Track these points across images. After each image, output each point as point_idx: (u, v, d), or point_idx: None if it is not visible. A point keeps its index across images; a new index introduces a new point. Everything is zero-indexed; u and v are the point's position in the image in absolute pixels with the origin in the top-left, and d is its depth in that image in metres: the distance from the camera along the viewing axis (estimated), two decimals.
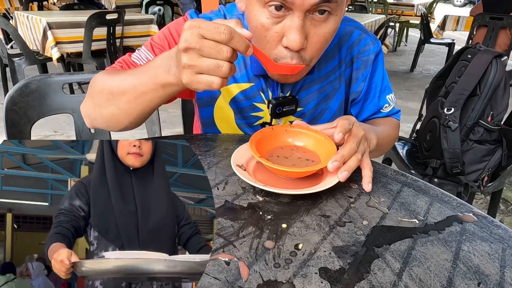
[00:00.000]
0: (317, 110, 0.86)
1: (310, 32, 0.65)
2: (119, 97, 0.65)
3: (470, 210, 0.59)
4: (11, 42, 3.54)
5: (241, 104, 0.84)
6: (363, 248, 0.49)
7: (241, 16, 0.82)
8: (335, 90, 0.86)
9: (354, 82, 0.87)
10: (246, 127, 0.87)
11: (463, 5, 15.67)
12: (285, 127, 0.70)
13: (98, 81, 0.71)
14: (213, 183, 0.62)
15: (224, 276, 0.43)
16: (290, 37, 0.63)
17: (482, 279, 0.45)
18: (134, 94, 0.63)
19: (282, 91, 0.82)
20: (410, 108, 3.61)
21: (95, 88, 0.71)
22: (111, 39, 3.14)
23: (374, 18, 3.73)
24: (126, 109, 0.66)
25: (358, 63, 0.86)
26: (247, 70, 0.82)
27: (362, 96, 0.88)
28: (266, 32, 0.65)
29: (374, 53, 0.86)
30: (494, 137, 1.38)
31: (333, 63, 0.84)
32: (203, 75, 0.52)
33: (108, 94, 0.67)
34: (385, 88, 0.90)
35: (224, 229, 0.51)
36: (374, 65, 0.87)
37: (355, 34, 0.85)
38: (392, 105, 0.91)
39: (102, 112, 0.70)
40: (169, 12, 4.81)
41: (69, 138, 2.71)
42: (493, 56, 1.33)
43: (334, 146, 0.64)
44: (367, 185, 0.62)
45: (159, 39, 0.82)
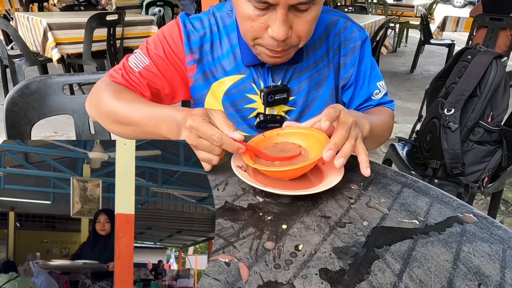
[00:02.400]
0: (309, 98, 0.88)
1: (293, 22, 0.69)
2: (123, 126, 0.75)
3: (471, 211, 0.59)
4: (12, 43, 3.54)
5: (234, 97, 0.87)
6: (364, 249, 0.49)
7: (230, 12, 0.86)
8: (325, 77, 0.88)
9: (343, 68, 0.89)
10: (239, 122, 0.89)
11: (463, 6, 15.69)
12: (276, 131, 0.69)
13: (105, 99, 0.77)
14: (213, 184, 0.63)
15: (224, 277, 0.43)
16: (275, 29, 0.67)
17: (483, 280, 0.45)
18: (138, 129, 0.72)
19: (273, 81, 0.85)
20: (410, 109, 3.61)
21: (101, 105, 0.78)
22: (111, 40, 3.14)
23: (374, 19, 3.73)
24: (129, 135, 0.76)
25: (345, 49, 0.88)
26: (237, 62, 0.85)
27: (353, 82, 0.89)
28: (252, 23, 0.69)
29: (361, 39, 0.88)
30: (494, 138, 1.38)
31: (321, 51, 0.86)
32: (199, 151, 0.62)
33: (114, 120, 0.76)
34: (375, 75, 0.91)
35: (224, 230, 0.51)
36: (362, 52, 0.89)
37: (340, 22, 0.88)
38: (383, 92, 0.91)
39: (106, 127, 0.80)
40: (169, 13, 4.82)
41: (69, 139, 2.71)
42: (493, 57, 1.33)
43: (327, 138, 0.62)
44: (365, 170, 0.61)
45: (154, 43, 0.85)
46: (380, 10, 6.12)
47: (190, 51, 0.84)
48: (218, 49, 0.86)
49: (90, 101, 0.82)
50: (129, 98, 0.76)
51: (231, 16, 0.86)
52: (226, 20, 0.86)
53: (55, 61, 2.94)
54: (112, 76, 0.84)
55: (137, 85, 0.83)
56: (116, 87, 0.80)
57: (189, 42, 0.84)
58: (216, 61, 0.86)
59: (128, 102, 0.75)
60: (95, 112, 0.81)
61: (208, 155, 0.61)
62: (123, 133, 0.77)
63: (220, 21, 0.86)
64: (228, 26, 0.85)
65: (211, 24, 0.85)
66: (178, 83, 0.87)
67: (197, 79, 0.86)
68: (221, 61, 0.86)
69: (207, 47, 0.85)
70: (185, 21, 0.85)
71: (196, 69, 0.86)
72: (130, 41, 3.42)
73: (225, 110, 0.87)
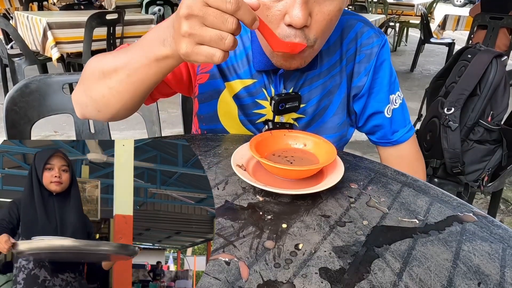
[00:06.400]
0: (320, 106, 0.84)
1: (314, 9, 0.63)
2: (110, 75, 0.62)
3: (470, 210, 0.59)
4: (11, 42, 3.54)
5: (243, 101, 0.84)
6: (363, 248, 0.49)
7: None
8: (337, 85, 0.84)
9: (356, 76, 0.84)
10: (248, 124, 0.86)
11: (463, 5, 15.67)
12: (284, 131, 0.70)
13: (90, 64, 0.68)
14: (213, 183, 0.62)
15: (224, 276, 0.43)
16: (293, 13, 0.60)
17: (482, 279, 0.45)
18: (126, 72, 0.60)
19: (285, 87, 0.82)
20: (410, 108, 3.59)
21: (86, 71, 0.68)
22: (111, 39, 3.14)
23: (374, 18, 3.73)
24: (117, 88, 0.62)
25: (360, 56, 0.82)
26: (250, 66, 0.81)
27: (365, 92, 0.85)
28: (267, 11, 0.63)
29: (378, 46, 0.82)
30: (494, 137, 1.38)
31: (334, 58, 0.82)
32: (204, 46, 0.49)
33: (99, 74, 0.64)
34: (391, 84, 0.85)
35: (224, 229, 0.51)
36: (378, 59, 0.83)
37: (357, 26, 0.82)
38: (396, 105, 0.87)
39: (92, 95, 0.67)
40: (169, 12, 4.81)
41: (69, 138, 2.71)
42: (493, 56, 1.33)
43: (333, 148, 0.64)
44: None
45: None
46: (380, 9, 6.12)
47: None
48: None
49: (75, 90, 0.74)
50: (114, 51, 0.68)
51: None
52: None
53: (54, 60, 2.93)
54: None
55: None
56: (103, 53, 0.71)
57: None
58: (229, 62, 0.82)
59: (113, 53, 0.67)
60: (79, 90, 0.70)
61: (220, 32, 0.48)
62: (110, 88, 0.64)
63: None
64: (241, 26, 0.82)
65: None
66: (180, 77, 0.83)
67: (213, 75, 0.82)
68: (233, 63, 0.82)
69: None
70: None
71: (211, 67, 0.82)
72: (130, 40, 3.41)
73: None
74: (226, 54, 0.50)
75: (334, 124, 0.86)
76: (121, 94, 0.63)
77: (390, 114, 0.87)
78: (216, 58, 0.49)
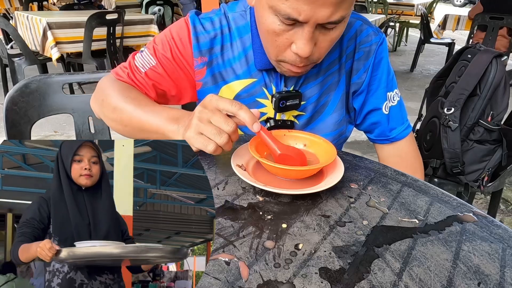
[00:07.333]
0: (319, 103, 0.85)
1: (319, 39, 0.67)
2: (126, 123, 0.75)
3: (470, 210, 0.59)
4: (11, 42, 3.54)
5: (244, 101, 0.84)
6: (363, 248, 0.49)
7: (244, 12, 0.82)
8: (336, 82, 0.85)
9: (355, 73, 0.85)
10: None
11: (463, 5, 15.67)
12: (284, 131, 0.70)
13: (110, 95, 0.78)
14: (213, 183, 0.62)
15: (224, 276, 0.43)
16: (300, 46, 0.65)
17: (482, 279, 0.45)
18: (139, 128, 0.72)
19: (286, 85, 0.83)
20: (410, 108, 3.61)
21: (106, 102, 0.78)
22: (111, 39, 3.14)
23: (374, 18, 3.73)
24: (129, 132, 0.76)
25: (359, 53, 0.84)
26: (249, 65, 0.82)
27: (364, 88, 0.86)
28: (276, 37, 0.67)
29: (376, 43, 0.84)
30: (494, 137, 1.38)
31: (334, 55, 0.83)
32: (203, 136, 0.59)
33: (118, 117, 0.76)
34: (389, 82, 0.87)
35: (224, 229, 0.51)
36: (377, 57, 0.85)
37: (356, 24, 0.84)
38: (394, 103, 0.88)
39: (109, 124, 0.81)
40: (169, 12, 4.81)
41: (69, 138, 2.71)
42: (493, 56, 1.33)
43: (333, 148, 0.64)
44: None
45: (162, 43, 0.82)
46: (380, 9, 6.11)
47: (199, 53, 0.81)
48: (229, 51, 0.83)
49: (96, 97, 0.82)
50: (135, 97, 0.76)
51: (244, 17, 0.82)
52: (239, 22, 0.82)
53: (54, 60, 2.94)
54: (118, 75, 0.83)
55: (142, 85, 0.82)
56: (122, 85, 0.80)
57: (199, 44, 0.81)
58: (227, 64, 0.83)
59: (133, 100, 0.74)
60: (99, 109, 0.81)
61: (219, 129, 0.58)
62: (123, 130, 0.77)
63: (232, 23, 0.82)
64: (241, 28, 0.82)
65: (222, 25, 0.82)
66: (185, 85, 0.85)
67: (206, 83, 0.84)
68: (232, 64, 0.83)
69: (217, 49, 0.82)
70: (195, 22, 0.81)
71: (205, 72, 0.83)
72: (130, 40, 3.41)
73: None
74: (219, 149, 0.59)
75: (334, 121, 0.87)
76: (132, 135, 0.76)
77: (388, 111, 0.88)
78: (209, 148, 0.58)
